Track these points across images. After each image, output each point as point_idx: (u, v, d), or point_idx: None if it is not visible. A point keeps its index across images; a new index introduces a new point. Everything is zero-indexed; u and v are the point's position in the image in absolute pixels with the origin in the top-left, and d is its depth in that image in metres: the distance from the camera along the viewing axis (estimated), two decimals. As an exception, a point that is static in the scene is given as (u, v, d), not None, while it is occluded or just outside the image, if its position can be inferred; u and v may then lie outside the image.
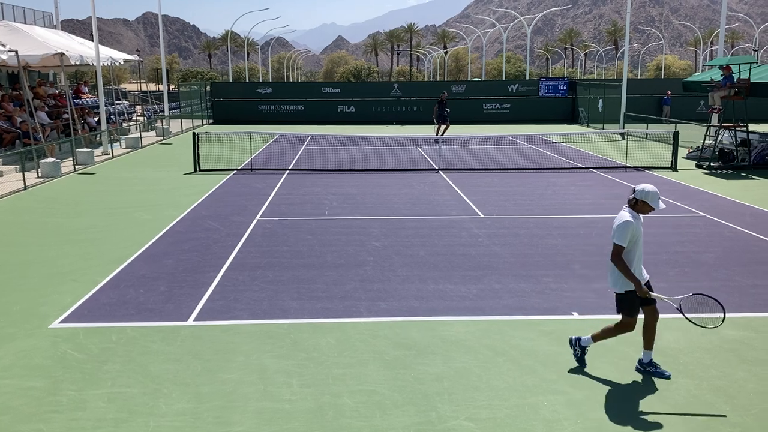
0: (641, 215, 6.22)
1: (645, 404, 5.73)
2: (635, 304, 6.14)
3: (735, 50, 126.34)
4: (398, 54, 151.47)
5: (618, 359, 6.62)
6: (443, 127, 27.95)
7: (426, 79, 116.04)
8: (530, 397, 5.86)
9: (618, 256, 6.01)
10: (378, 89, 42.70)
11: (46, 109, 24.09)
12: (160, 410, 5.64)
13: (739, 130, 20.76)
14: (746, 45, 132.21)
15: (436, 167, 20.01)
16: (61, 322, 7.64)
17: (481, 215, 13.42)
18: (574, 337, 6.54)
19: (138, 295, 8.54)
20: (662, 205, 6.15)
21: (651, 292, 6.10)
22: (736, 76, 20.18)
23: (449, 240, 11.35)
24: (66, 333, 7.31)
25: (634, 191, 6.15)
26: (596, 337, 6.41)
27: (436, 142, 26.13)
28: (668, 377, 6.17)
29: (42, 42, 22.94)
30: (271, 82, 64.22)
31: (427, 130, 31.12)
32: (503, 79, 71.93)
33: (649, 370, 6.27)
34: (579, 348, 6.47)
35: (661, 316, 7.76)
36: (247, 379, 6.20)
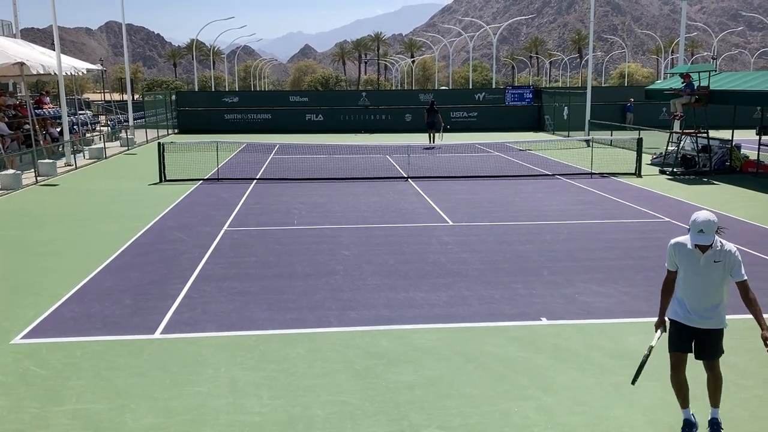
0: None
1: (614, 408, 5.79)
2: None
3: (695, 58, 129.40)
4: (366, 63, 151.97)
5: (586, 363, 6.68)
6: (435, 134, 28.96)
7: (394, 88, 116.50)
8: (501, 403, 5.87)
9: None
10: (346, 98, 42.72)
11: (6, 119, 23.56)
12: (127, 426, 5.52)
13: (700, 137, 21.22)
14: (705, 53, 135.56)
15: (405, 175, 20.06)
16: (23, 337, 7.45)
17: (450, 223, 13.48)
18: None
19: (103, 308, 8.37)
20: (701, 240, 4.99)
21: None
22: (696, 84, 20.64)
23: (419, 248, 11.37)
24: (28, 349, 7.13)
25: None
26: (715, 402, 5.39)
27: (430, 148, 26.60)
28: None
29: (1, 51, 22.46)
30: (238, 91, 63.87)
31: (395, 138, 31.22)
32: (470, 87, 72.55)
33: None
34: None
35: (627, 320, 7.91)
36: (217, 392, 6.11)
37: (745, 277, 5.05)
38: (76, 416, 5.68)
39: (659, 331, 5.46)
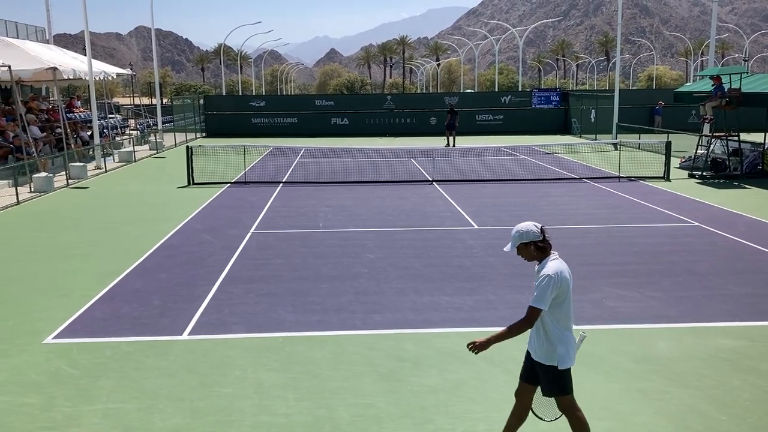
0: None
1: (641, 414, 5.73)
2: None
3: (725, 60, 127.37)
4: (391, 66, 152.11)
5: (612, 369, 6.62)
6: (453, 137, 30.15)
7: (419, 91, 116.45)
8: (527, 408, 5.83)
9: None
10: (371, 101, 42.79)
11: (39, 123, 24.05)
12: (156, 426, 5.60)
13: (731, 140, 20.89)
14: (736, 55, 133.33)
15: (430, 179, 20.05)
16: (54, 337, 7.60)
17: (476, 226, 13.44)
18: None
19: (132, 309, 8.50)
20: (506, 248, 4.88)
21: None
22: (726, 86, 20.33)
23: (444, 251, 11.35)
24: (60, 348, 7.27)
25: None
26: None
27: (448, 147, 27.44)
28: None
29: (35, 56, 22.94)
30: (265, 95, 64.37)
31: (420, 141, 31.22)
32: (496, 90, 72.27)
33: None
34: None
35: (653, 325, 7.82)
36: (243, 393, 6.17)
37: (534, 305, 4.43)
38: (107, 416, 5.78)
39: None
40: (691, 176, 20.58)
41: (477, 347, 4.60)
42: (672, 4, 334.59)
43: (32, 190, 18.33)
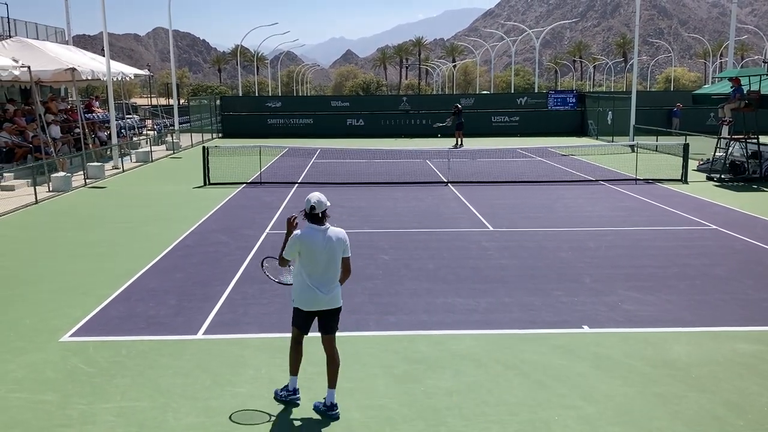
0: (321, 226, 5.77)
1: (657, 418, 5.68)
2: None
3: (745, 62, 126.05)
4: (407, 67, 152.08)
5: (629, 373, 6.57)
6: (461, 137, 30.71)
7: (435, 92, 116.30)
8: (541, 411, 5.81)
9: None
10: (387, 103, 42.79)
11: (58, 123, 24.30)
12: (170, 424, 5.63)
13: (749, 142, 20.66)
14: (756, 57, 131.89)
15: (446, 180, 20.01)
16: (71, 335, 7.67)
17: (491, 228, 13.40)
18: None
19: (148, 308, 8.56)
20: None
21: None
22: (746, 88, 20.12)
23: (458, 253, 11.32)
24: (76, 346, 7.33)
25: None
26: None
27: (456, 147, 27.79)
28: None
29: (54, 57, 23.19)
30: (281, 96, 64.54)
31: (436, 143, 31.19)
32: (512, 92, 71.98)
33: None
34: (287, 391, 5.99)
35: (670, 329, 7.74)
36: (257, 393, 6.19)
37: (282, 255, 5.83)
38: (121, 414, 5.82)
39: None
40: (710, 179, 20.38)
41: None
42: (691, 6, 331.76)
43: (50, 189, 18.52)
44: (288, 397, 5.95)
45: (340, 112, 40.13)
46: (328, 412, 5.71)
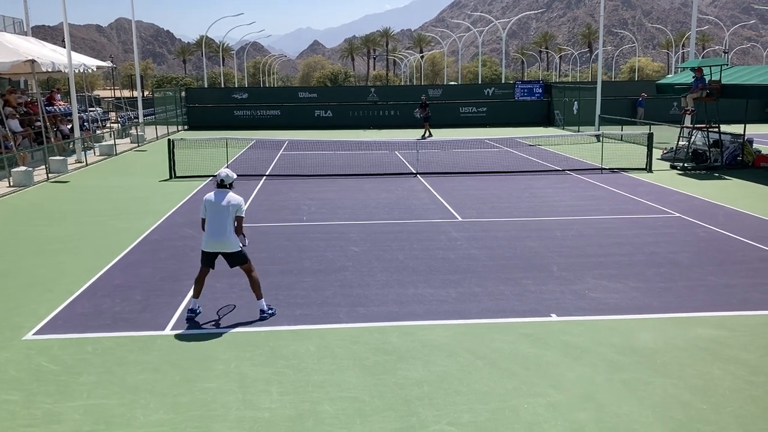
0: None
1: (624, 405, 5.77)
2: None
3: (706, 52, 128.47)
4: (374, 58, 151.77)
5: (596, 360, 6.66)
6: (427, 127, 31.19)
7: (403, 83, 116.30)
8: (511, 400, 5.87)
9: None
10: (355, 94, 42.65)
11: (18, 117, 23.72)
12: (138, 421, 5.56)
13: (711, 131, 21.07)
14: (717, 47, 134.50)
15: (414, 171, 20.04)
16: (35, 333, 7.51)
17: (460, 219, 13.46)
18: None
19: (114, 304, 8.43)
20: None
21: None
22: (707, 78, 20.49)
23: (428, 244, 11.36)
24: (40, 345, 7.18)
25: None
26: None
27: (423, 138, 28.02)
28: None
29: (12, 49, 22.58)
30: (247, 88, 63.93)
31: (405, 134, 31.23)
32: (479, 82, 72.35)
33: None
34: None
35: (636, 316, 7.88)
36: (227, 388, 6.14)
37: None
38: (88, 411, 5.72)
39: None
40: (673, 167, 20.75)
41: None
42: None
43: (11, 184, 18.09)
44: (190, 315, 7.82)
45: (308, 103, 39.91)
46: (261, 316, 7.82)
